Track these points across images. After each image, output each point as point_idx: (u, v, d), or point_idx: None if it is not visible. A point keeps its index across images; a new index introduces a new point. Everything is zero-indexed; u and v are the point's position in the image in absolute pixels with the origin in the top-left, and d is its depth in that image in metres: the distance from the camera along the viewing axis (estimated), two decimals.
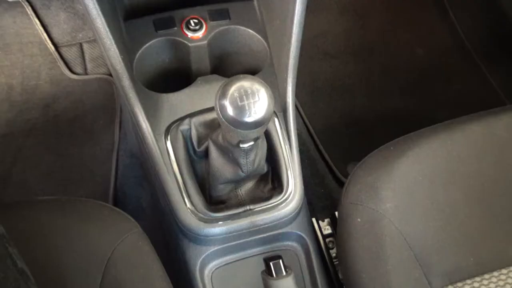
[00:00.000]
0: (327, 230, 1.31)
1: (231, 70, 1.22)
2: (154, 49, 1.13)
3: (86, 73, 1.70)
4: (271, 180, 1.06)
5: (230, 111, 0.77)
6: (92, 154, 1.55)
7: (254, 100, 0.77)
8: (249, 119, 0.77)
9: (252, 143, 0.88)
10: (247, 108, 0.76)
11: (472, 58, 1.85)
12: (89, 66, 1.70)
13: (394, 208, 0.95)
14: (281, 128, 1.06)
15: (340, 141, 1.64)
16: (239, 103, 0.76)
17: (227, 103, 0.77)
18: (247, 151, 0.90)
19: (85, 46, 1.69)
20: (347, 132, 1.66)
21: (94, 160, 1.54)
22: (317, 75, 1.78)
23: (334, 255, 1.26)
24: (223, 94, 0.77)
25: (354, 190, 0.99)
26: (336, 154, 1.61)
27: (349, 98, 1.74)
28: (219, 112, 0.79)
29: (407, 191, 0.97)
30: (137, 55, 1.10)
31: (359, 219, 0.95)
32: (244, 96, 0.76)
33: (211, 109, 1.02)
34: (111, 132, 1.57)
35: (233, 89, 0.77)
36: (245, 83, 0.77)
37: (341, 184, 1.52)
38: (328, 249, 1.28)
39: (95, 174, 1.51)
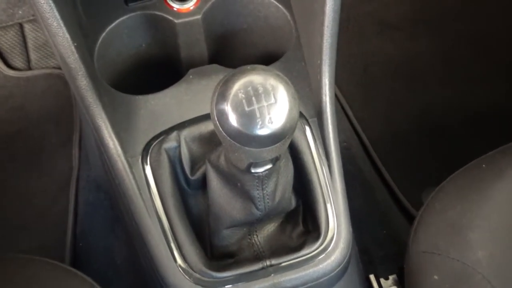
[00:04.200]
0: None
1: (237, 57, 1.23)
2: (125, 31, 1.15)
3: (29, 68, 1.72)
4: (302, 220, 1.05)
5: (233, 120, 0.77)
6: (41, 187, 1.56)
7: (269, 103, 0.77)
8: (262, 131, 0.77)
9: (269, 166, 0.88)
10: (258, 115, 0.77)
11: None
12: (34, 56, 1.72)
13: (490, 258, 0.94)
14: (315, 141, 1.06)
15: (410, 157, 1.64)
16: (246, 108, 0.77)
17: (228, 108, 0.77)
18: (262, 179, 0.90)
19: (27, 27, 1.72)
20: (419, 143, 1.65)
21: (43, 196, 1.55)
22: (372, 57, 1.78)
23: None
24: (222, 95, 0.78)
25: (428, 232, 0.99)
26: (404, 176, 1.60)
27: (422, 90, 1.73)
28: (217, 122, 0.79)
29: (508, 232, 0.96)
30: (100, 40, 1.12)
31: (436, 276, 0.94)
32: (254, 98, 0.77)
33: (209, 117, 1.03)
34: (67, 155, 1.58)
35: (237, 87, 0.77)
36: (254, 78, 0.78)
37: (413, 221, 1.51)
38: None
39: (46, 217, 1.52)
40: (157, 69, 1.20)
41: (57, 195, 1.54)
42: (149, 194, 1.01)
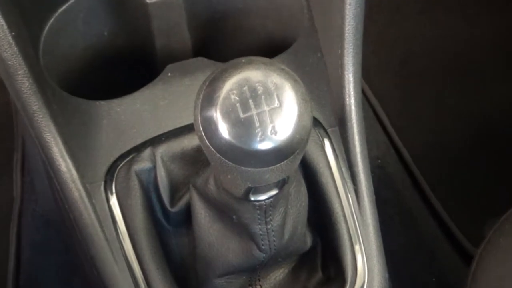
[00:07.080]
0: None
1: (230, 47, 1.24)
2: (80, 15, 1.15)
3: None
4: (321, 264, 1.05)
5: (223, 131, 0.77)
6: None
7: (272, 107, 0.77)
8: (262, 145, 0.77)
9: (274, 192, 0.87)
10: (257, 123, 0.77)
11: None
12: None
13: None
14: (336, 157, 1.07)
15: (465, 178, 1.64)
16: (241, 115, 0.77)
17: (217, 115, 0.77)
18: (266, 210, 0.89)
19: None
20: (477, 159, 1.66)
21: None
22: (413, 45, 1.79)
23: None
24: (209, 97, 0.78)
25: (490, 277, 0.99)
26: (458, 204, 1.61)
27: (479, 89, 1.73)
28: (202, 134, 0.79)
29: None
30: (47, 28, 1.12)
31: None
32: (251, 100, 0.77)
33: (193, 128, 1.03)
34: (7, 182, 1.59)
35: (229, 86, 0.77)
36: (251, 74, 0.78)
37: (470, 262, 1.52)
38: None
39: None
40: (124, 65, 1.21)
41: None
42: (115, 232, 1.02)
